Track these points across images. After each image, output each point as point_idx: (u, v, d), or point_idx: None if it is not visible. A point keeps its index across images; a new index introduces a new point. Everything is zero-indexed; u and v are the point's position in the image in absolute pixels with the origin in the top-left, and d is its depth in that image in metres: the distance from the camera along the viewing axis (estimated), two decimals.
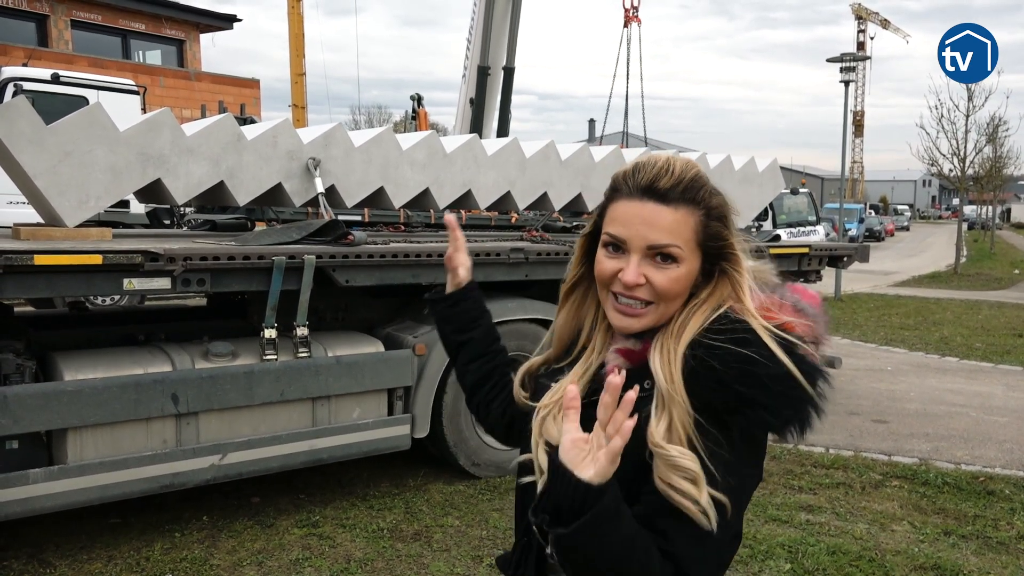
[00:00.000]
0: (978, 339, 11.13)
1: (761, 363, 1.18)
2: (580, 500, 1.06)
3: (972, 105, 21.24)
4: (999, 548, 4.27)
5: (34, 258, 3.47)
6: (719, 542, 1.18)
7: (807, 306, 1.31)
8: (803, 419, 1.20)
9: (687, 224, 1.27)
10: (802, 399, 1.20)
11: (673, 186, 1.26)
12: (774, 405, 1.18)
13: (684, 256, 1.27)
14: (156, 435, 3.94)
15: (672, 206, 1.26)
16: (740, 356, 1.18)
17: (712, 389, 1.19)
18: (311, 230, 4.53)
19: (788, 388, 1.19)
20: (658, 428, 1.19)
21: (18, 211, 7.43)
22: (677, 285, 1.27)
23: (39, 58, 14.56)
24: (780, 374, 1.18)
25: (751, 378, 1.17)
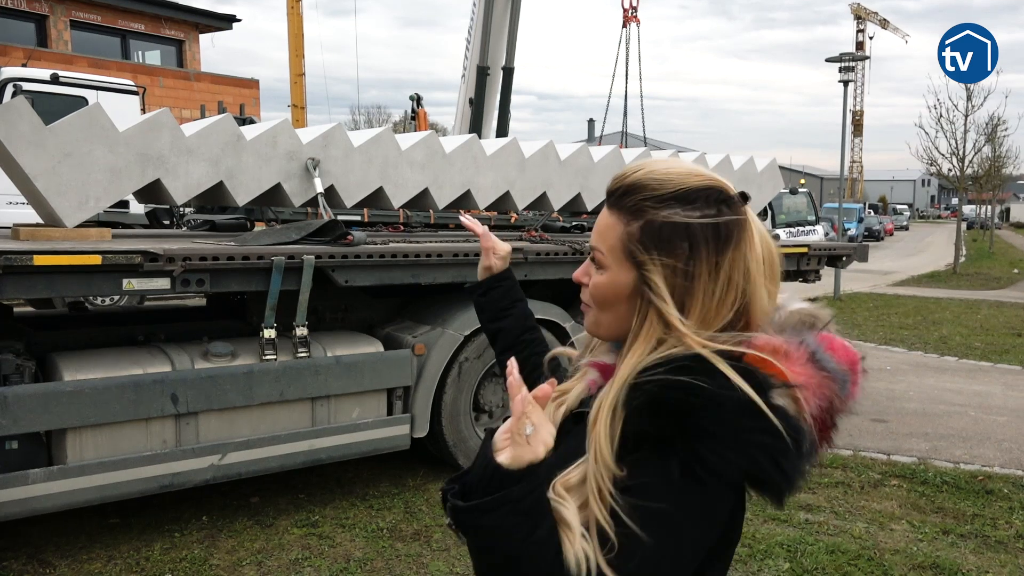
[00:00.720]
0: (977, 338, 11.14)
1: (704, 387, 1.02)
2: (487, 480, 1.02)
3: (971, 105, 21.29)
4: (997, 547, 4.28)
5: (33, 258, 3.48)
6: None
7: (828, 359, 1.10)
8: (764, 469, 1.02)
9: (614, 231, 1.17)
10: (762, 443, 1.01)
11: (613, 189, 1.20)
12: (719, 439, 1.01)
13: (607, 264, 1.18)
14: (155, 435, 3.94)
15: (610, 210, 1.20)
16: (677, 383, 1.04)
17: (645, 419, 1.05)
18: (310, 230, 4.53)
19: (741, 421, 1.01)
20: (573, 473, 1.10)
21: (17, 211, 7.43)
22: (598, 291, 1.20)
23: (38, 58, 14.56)
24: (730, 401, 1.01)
25: (689, 403, 1.02)
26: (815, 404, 1.07)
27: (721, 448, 1.02)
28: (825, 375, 1.09)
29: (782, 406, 1.03)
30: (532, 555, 1.02)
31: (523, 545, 1.01)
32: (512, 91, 10.56)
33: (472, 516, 1.02)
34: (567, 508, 1.05)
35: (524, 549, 1.01)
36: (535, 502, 1.02)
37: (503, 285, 1.78)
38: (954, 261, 23.48)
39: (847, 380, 1.11)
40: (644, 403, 1.06)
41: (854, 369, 1.12)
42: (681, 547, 1.04)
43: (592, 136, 40.85)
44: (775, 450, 1.01)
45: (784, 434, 1.01)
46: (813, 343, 1.11)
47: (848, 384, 1.11)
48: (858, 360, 1.14)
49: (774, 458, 1.02)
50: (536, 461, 1.01)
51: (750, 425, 1.01)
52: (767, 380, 1.05)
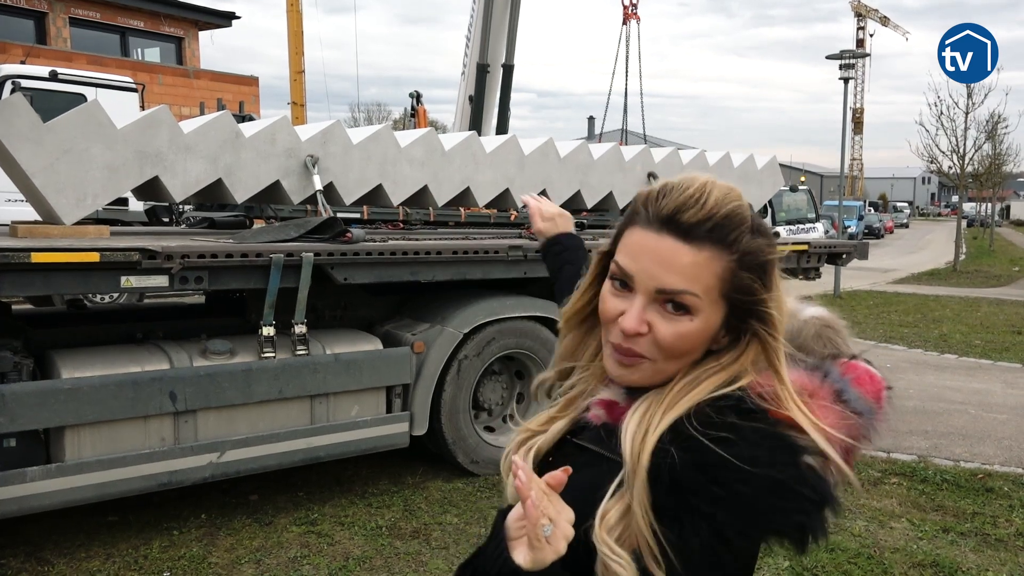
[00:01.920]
0: (977, 336, 11.13)
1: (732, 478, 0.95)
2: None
3: (971, 102, 21.27)
4: (997, 545, 4.27)
5: (31, 256, 3.47)
6: None
7: (856, 396, 1.06)
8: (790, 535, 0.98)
9: (710, 269, 1.03)
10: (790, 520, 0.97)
11: (700, 221, 1.02)
12: (738, 521, 0.96)
13: (701, 308, 1.03)
14: (154, 433, 3.93)
15: (695, 245, 1.02)
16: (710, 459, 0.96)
17: (667, 487, 0.98)
18: (309, 227, 4.52)
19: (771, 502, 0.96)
20: (611, 510, 1.01)
21: (15, 209, 7.42)
22: (684, 342, 1.04)
23: (37, 55, 14.54)
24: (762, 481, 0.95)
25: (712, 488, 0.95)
26: (840, 447, 1.02)
27: (747, 526, 0.97)
28: (851, 419, 1.04)
29: (811, 464, 0.99)
30: None
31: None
32: (512, 88, 10.56)
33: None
34: (623, 566, 0.97)
35: None
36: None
37: (552, 250, 1.87)
38: (954, 259, 23.47)
39: (874, 415, 1.07)
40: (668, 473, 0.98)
41: (879, 399, 1.09)
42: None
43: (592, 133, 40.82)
44: (801, 520, 0.98)
45: (811, 504, 0.97)
46: (838, 377, 1.07)
47: (876, 419, 1.08)
48: (883, 388, 1.11)
49: (801, 525, 0.98)
50: (559, 557, 0.93)
51: (779, 504, 0.97)
52: (801, 446, 0.99)
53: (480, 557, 1.01)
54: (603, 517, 1.00)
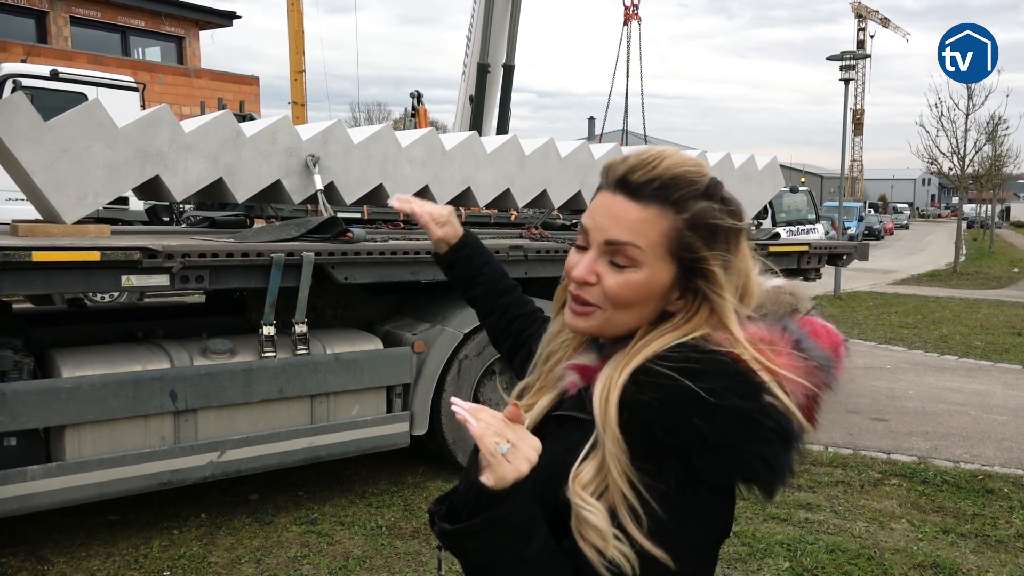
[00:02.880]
0: (977, 337, 11.13)
1: (702, 402, 1.00)
2: (472, 501, 1.00)
3: (972, 104, 21.28)
4: (998, 546, 4.27)
5: (32, 254, 3.47)
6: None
7: (813, 346, 1.10)
8: (758, 471, 1.02)
9: (655, 226, 1.10)
10: (757, 450, 1.01)
11: (647, 181, 1.10)
12: (715, 452, 1.01)
13: (645, 261, 1.10)
14: (154, 432, 3.93)
15: (641, 203, 1.10)
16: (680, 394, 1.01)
17: (639, 430, 1.03)
18: (310, 227, 4.52)
19: (737, 432, 1.01)
20: (584, 468, 1.06)
21: (15, 208, 7.41)
22: (628, 291, 1.11)
23: (38, 54, 14.54)
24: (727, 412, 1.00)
25: (681, 424, 1.00)
26: (802, 394, 1.06)
27: (718, 460, 1.01)
28: (811, 363, 1.08)
29: (773, 403, 1.03)
30: (524, 573, 1.01)
31: (516, 564, 1.01)
32: (512, 89, 10.55)
33: (460, 539, 1.01)
34: (595, 513, 1.03)
35: (516, 568, 1.01)
36: (525, 520, 1.01)
37: (463, 254, 1.75)
38: (954, 260, 23.47)
39: (832, 365, 1.11)
40: (638, 415, 1.03)
41: (837, 352, 1.13)
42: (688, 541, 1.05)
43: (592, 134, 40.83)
44: (767, 454, 1.02)
45: (775, 436, 1.01)
46: (796, 330, 1.11)
47: (833, 369, 1.11)
48: (841, 342, 1.14)
49: (767, 460, 1.02)
50: (521, 478, 0.99)
51: (746, 435, 1.01)
52: (762, 381, 1.04)
53: (453, 491, 1.07)
54: (577, 475, 1.06)
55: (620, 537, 1.01)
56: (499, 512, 0.99)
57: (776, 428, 1.02)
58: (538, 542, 1.02)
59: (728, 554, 4.09)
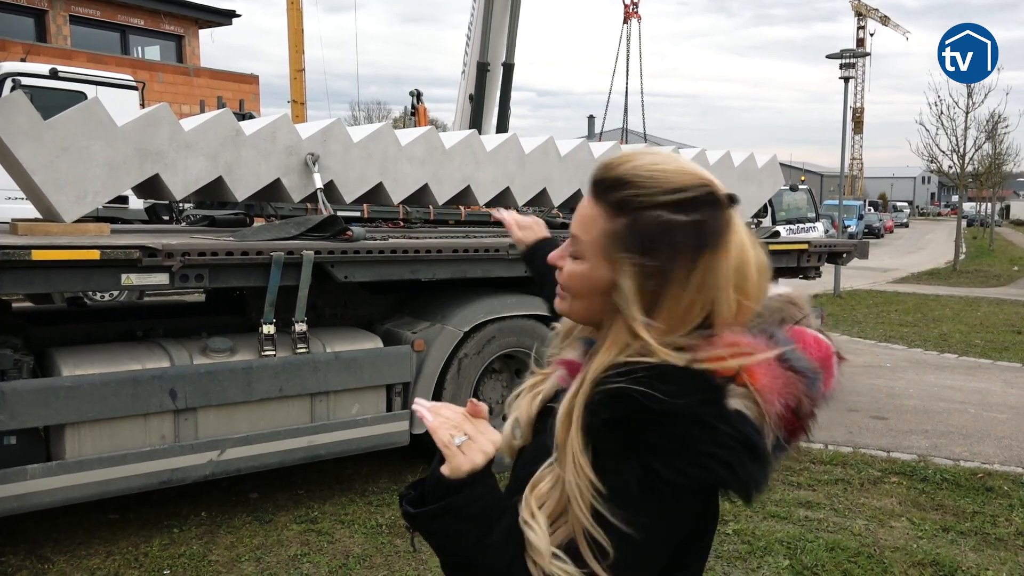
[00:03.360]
0: (977, 336, 11.13)
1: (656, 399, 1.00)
2: (432, 488, 1.08)
3: (972, 102, 21.26)
4: (997, 544, 4.28)
5: (32, 253, 3.47)
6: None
7: (798, 357, 1.08)
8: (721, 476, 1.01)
9: (596, 224, 1.12)
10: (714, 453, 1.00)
11: (601, 180, 1.13)
12: (672, 453, 1.00)
13: (585, 255, 1.14)
14: (154, 431, 3.93)
15: (594, 200, 1.14)
16: (630, 397, 1.02)
17: (601, 433, 1.04)
18: (310, 226, 4.52)
19: (692, 434, 1.00)
20: (545, 477, 1.10)
21: (14, 207, 7.41)
22: (573, 281, 1.16)
23: (37, 53, 14.53)
24: (681, 414, 1.00)
25: (643, 420, 1.01)
26: (780, 404, 1.04)
27: (675, 461, 1.00)
28: (792, 374, 1.06)
29: (739, 410, 1.01)
30: (486, 559, 1.06)
31: (476, 549, 1.06)
32: (512, 87, 10.54)
33: (421, 522, 1.08)
34: (536, 532, 1.06)
35: (477, 554, 1.06)
36: (484, 508, 1.06)
37: (539, 254, 1.91)
38: (954, 258, 23.47)
39: (818, 377, 1.08)
40: (599, 417, 1.04)
41: (827, 364, 1.10)
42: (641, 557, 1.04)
43: (592, 132, 40.81)
44: (729, 459, 1.00)
45: (736, 442, 1.00)
46: (782, 339, 1.09)
47: (819, 381, 1.08)
48: (832, 354, 1.12)
49: (729, 465, 1.00)
50: (476, 469, 1.06)
51: (701, 437, 1.00)
52: (722, 386, 1.03)
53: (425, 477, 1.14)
54: (535, 483, 1.10)
55: (561, 556, 1.03)
56: (456, 501, 1.05)
57: (733, 434, 1.00)
58: (500, 531, 1.06)
59: (728, 552, 4.09)
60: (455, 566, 1.09)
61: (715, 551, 4.00)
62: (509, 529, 1.07)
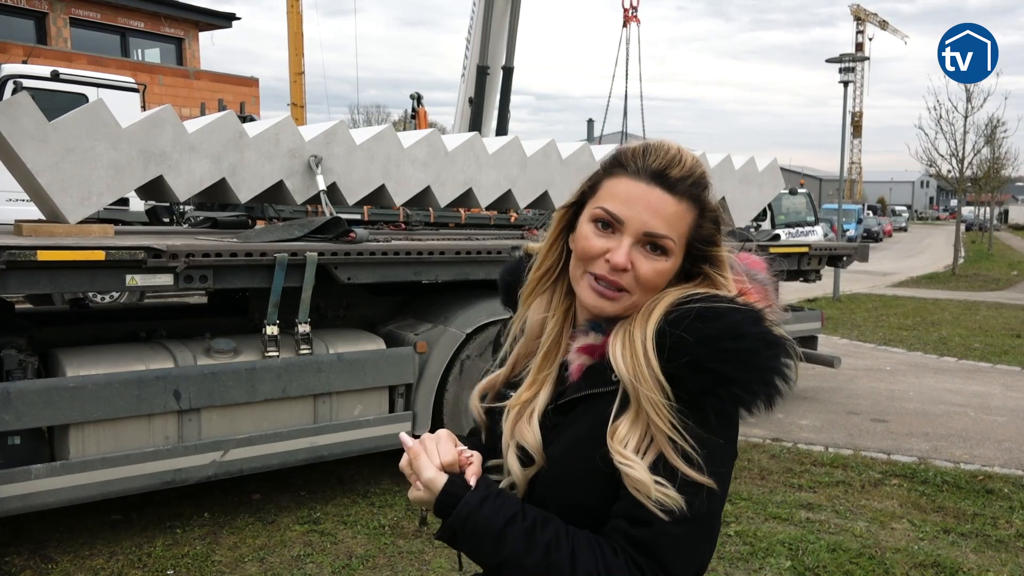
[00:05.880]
0: (976, 339, 11.15)
1: (731, 338, 1.13)
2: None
3: (970, 106, 21.28)
4: (998, 546, 4.29)
5: (37, 254, 3.48)
6: (700, 526, 1.15)
7: (757, 272, 1.31)
8: (772, 393, 1.16)
9: (684, 220, 1.22)
10: (772, 372, 1.14)
11: (683, 177, 1.22)
12: (747, 381, 1.13)
13: (674, 251, 1.23)
14: (158, 431, 3.94)
15: (677, 198, 1.21)
16: (709, 333, 1.14)
17: (682, 369, 1.14)
18: (313, 227, 4.54)
19: (759, 362, 1.14)
20: (619, 425, 1.17)
21: (17, 208, 7.43)
22: (660, 278, 1.23)
23: (38, 56, 14.55)
24: (751, 348, 1.14)
25: (724, 354, 1.12)
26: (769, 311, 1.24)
27: (749, 382, 1.14)
28: (765, 287, 1.30)
29: (771, 326, 1.18)
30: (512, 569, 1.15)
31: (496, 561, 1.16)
32: (512, 91, 10.58)
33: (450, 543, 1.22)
34: (634, 467, 1.14)
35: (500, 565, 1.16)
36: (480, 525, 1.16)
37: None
38: (953, 262, 23.50)
39: (773, 283, 1.32)
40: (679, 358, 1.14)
41: (769, 274, 1.34)
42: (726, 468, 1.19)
43: (592, 136, 40.83)
44: (779, 367, 1.15)
45: (783, 352, 1.16)
46: (741, 267, 1.30)
47: (774, 285, 1.32)
48: (767, 265, 1.35)
49: (782, 374, 1.15)
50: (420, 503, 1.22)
51: (766, 354, 1.14)
52: (760, 311, 1.19)
53: None
54: (613, 432, 1.17)
55: (663, 483, 1.12)
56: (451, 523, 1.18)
57: (780, 342, 1.16)
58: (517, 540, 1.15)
59: (730, 553, 4.10)
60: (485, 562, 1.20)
61: (717, 552, 4.01)
62: (528, 536, 1.14)
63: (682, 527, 1.12)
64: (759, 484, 5.14)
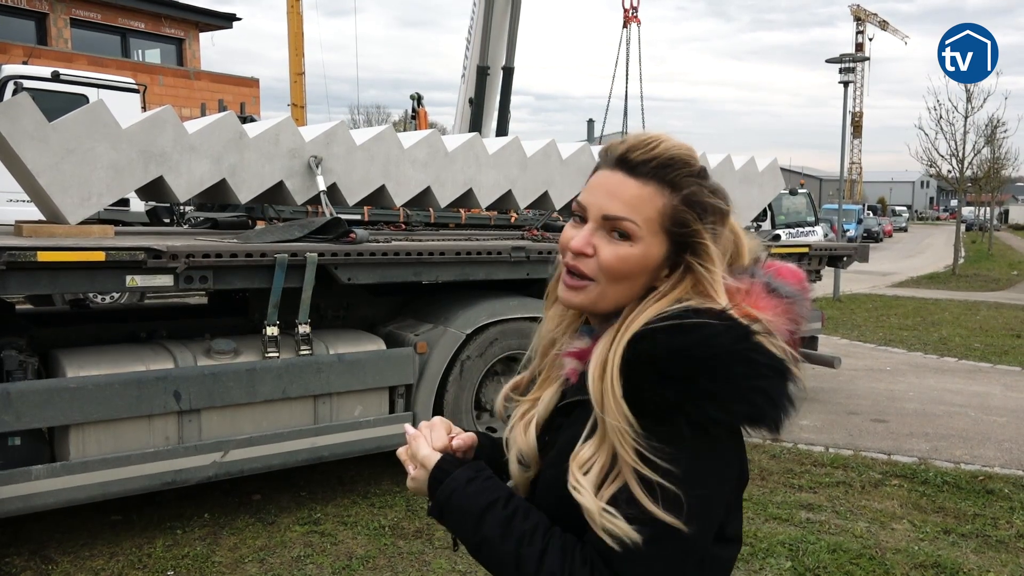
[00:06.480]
0: (976, 339, 11.15)
1: (701, 349, 1.06)
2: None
3: (970, 106, 21.28)
4: (998, 546, 4.29)
5: (37, 255, 3.48)
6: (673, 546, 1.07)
7: (782, 285, 1.19)
8: (757, 415, 1.07)
9: (652, 203, 1.16)
10: (755, 392, 1.06)
11: (646, 160, 1.17)
12: (721, 398, 1.05)
13: (640, 236, 1.16)
14: (158, 432, 3.94)
15: (639, 180, 1.16)
16: (677, 345, 1.06)
17: (648, 384, 1.07)
18: (313, 228, 4.54)
19: (736, 379, 1.06)
20: (584, 447, 1.13)
21: (17, 209, 7.43)
22: (623, 264, 1.16)
23: (38, 56, 14.55)
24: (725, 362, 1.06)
25: (691, 367, 1.05)
26: (784, 330, 1.15)
27: (723, 401, 1.06)
28: (785, 301, 1.17)
29: (762, 343, 1.09)
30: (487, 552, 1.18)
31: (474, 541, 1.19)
32: (512, 91, 10.57)
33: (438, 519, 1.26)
34: (582, 494, 1.10)
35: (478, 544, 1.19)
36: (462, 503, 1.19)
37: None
38: (953, 263, 23.50)
39: (801, 297, 1.20)
40: (646, 374, 1.08)
41: (803, 286, 1.23)
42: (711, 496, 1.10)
43: (592, 136, 40.84)
44: (767, 386, 1.07)
45: (772, 370, 1.08)
46: (763, 275, 1.21)
47: (804, 301, 1.20)
48: (803, 277, 1.25)
49: (767, 394, 1.07)
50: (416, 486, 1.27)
51: (744, 372, 1.06)
52: (749, 327, 1.10)
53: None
54: (576, 454, 1.13)
55: (611, 512, 1.06)
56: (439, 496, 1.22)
57: (770, 363, 1.08)
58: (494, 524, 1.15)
59: None
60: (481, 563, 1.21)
61: None
62: (506, 522, 1.15)
63: (651, 547, 1.05)
64: (759, 484, 5.14)
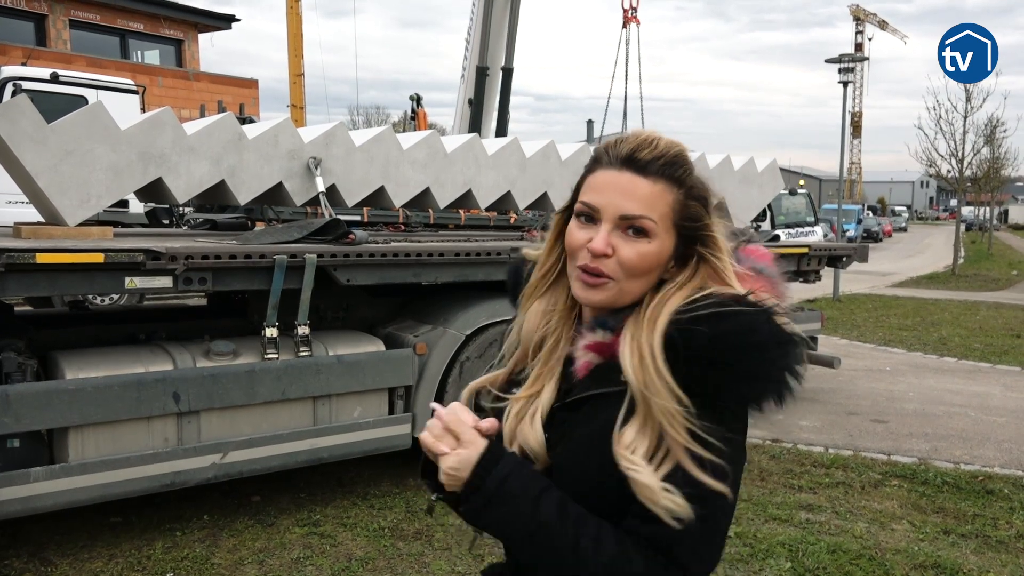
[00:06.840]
0: (976, 339, 11.15)
1: (746, 334, 1.12)
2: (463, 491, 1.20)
3: (970, 106, 21.27)
4: (998, 547, 4.28)
5: (36, 256, 3.47)
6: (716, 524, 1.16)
7: (764, 267, 1.28)
8: (784, 391, 1.15)
9: (663, 200, 1.21)
10: (784, 370, 1.14)
11: (654, 159, 1.21)
12: (762, 378, 1.13)
13: (656, 232, 1.21)
14: (157, 434, 3.94)
15: (650, 179, 1.21)
16: (724, 330, 1.12)
17: (696, 368, 1.13)
18: (312, 229, 4.53)
19: (774, 359, 1.13)
20: (625, 431, 1.15)
21: (17, 211, 7.42)
22: (644, 261, 1.21)
23: (37, 57, 14.54)
24: (766, 345, 1.12)
25: (739, 351, 1.11)
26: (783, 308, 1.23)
27: (763, 380, 1.13)
28: (772, 281, 1.26)
29: (783, 326, 1.16)
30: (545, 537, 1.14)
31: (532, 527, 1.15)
32: (511, 91, 10.58)
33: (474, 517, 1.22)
34: (640, 471, 1.12)
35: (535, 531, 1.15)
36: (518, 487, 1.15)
37: None
38: (953, 263, 23.50)
39: (781, 278, 1.29)
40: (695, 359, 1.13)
41: (775, 265, 1.31)
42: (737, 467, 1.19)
43: (591, 137, 40.84)
44: (789, 365, 1.14)
45: (794, 350, 1.15)
46: (746, 259, 1.28)
47: (781, 278, 1.29)
48: (772, 255, 1.32)
49: (794, 374, 1.14)
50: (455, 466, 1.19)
51: (778, 353, 1.13)
52: (772, 310, 1.16)
53: None
54: (619, 438, 1.15)
55: (670, 489, 1.11)
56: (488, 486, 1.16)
57: (792, 343, 1.15)
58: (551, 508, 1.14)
59: (730, 555, 4.10)
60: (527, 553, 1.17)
61: None
62: (561, 506, 1.15)
63: (698, 526, 1.12)
64: (759, 485, 5.14)
